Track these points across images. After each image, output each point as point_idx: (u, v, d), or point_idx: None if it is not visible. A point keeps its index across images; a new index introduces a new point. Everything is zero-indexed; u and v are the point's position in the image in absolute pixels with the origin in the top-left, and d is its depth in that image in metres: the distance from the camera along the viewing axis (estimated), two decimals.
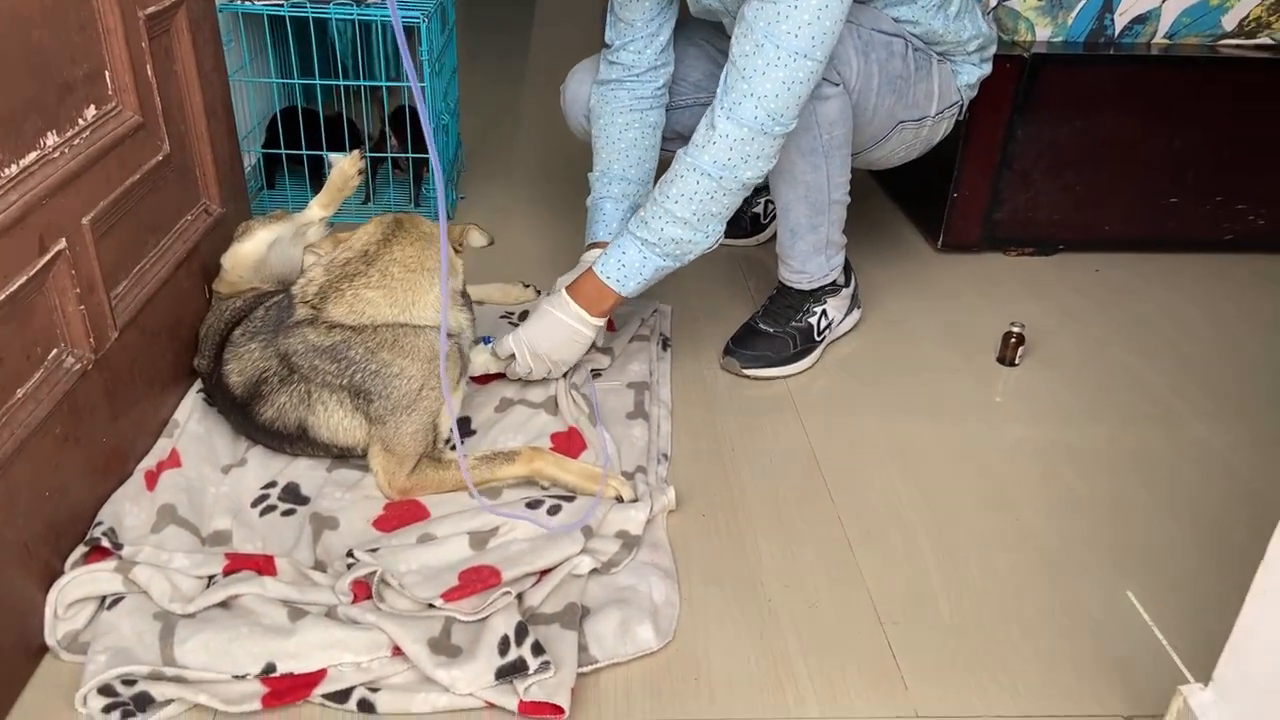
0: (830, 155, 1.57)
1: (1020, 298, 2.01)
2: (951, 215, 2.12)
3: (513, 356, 1.54)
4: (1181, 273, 2.13)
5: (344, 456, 1.39)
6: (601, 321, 1.55)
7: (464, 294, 1.47)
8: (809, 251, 1.69)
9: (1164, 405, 1.68)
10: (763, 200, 2.18)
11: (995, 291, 2.03)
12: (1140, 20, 2.03)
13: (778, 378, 1.71)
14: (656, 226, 1.46)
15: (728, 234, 2.17)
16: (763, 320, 1.74)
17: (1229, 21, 2.05)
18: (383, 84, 2.20)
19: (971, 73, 1.73)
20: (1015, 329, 1.75)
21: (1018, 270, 2.13)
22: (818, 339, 1.75)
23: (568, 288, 1.54)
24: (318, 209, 1.62)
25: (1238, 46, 2.07)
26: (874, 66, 1.55)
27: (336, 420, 1.33)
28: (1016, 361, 1.76)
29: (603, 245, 1.57)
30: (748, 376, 1.70)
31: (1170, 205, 2.14)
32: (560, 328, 1.53)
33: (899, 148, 1.72)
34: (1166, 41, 2.07)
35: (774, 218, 2.19)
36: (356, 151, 1.63)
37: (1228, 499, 1.45)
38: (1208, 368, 1.79)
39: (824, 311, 1.75)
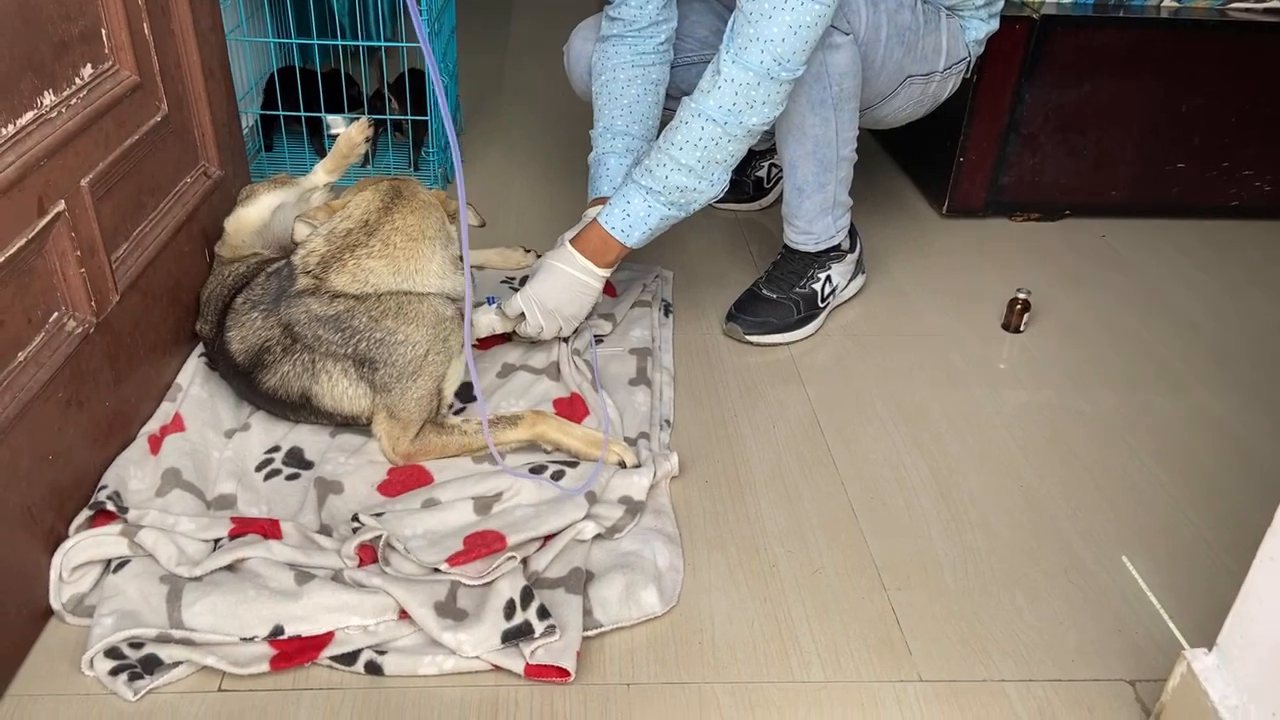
0: (840, 108, 1.56)
1: (1026, 263, 2.00)
2: (957, 180, 2.10)
3: (522, 315, 1.53)
4: (1187, 239, 2.12)
5: (347, 425, 1.39)
6: (608, 273, 1.53)
7: (460, 259, 1.45)
8: (815, 211, 1.67)
9: (1169, 371, 1.67)
10: (766, 164, 2.16)
11: (1001, 257, 2.02)
12: None
13: (780, 344, 1.70)
14: (661, 174, 1.44)
15: (730, 199, 2.17)
16: (766, 286, 1.73)
17: None
18: (381, 44, 2.17)
19: (979, 28, 1.71)
20: (1021, 295, 1.74)
21: (1024, 236, 2.11)
22: (821, 305, 1.74)
23: (571, 240, 1.53)
24: (322, 174, 1.61)
25: (1247, 10, 2.04)
26: (883, 17, 1.54)
27: (341, 389, 1.33)
28: (1022, 328, 1.75)
29: (605, 201, 1.55)
30: (750, 343, 1.70)
31: (1177, 171, 2.12)
32: (567, 280, 1.51)
33: (905, 104, 1.71)
34: (1176, 4, 2.04)
35: (777, 182, 2.17)
36: (364, 119, 1.61)
37: (1231, 465, 1.45)
38: (1212, 334, 1.79)
39: (828, 277, 1.73)
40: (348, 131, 1.60)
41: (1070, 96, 2.02)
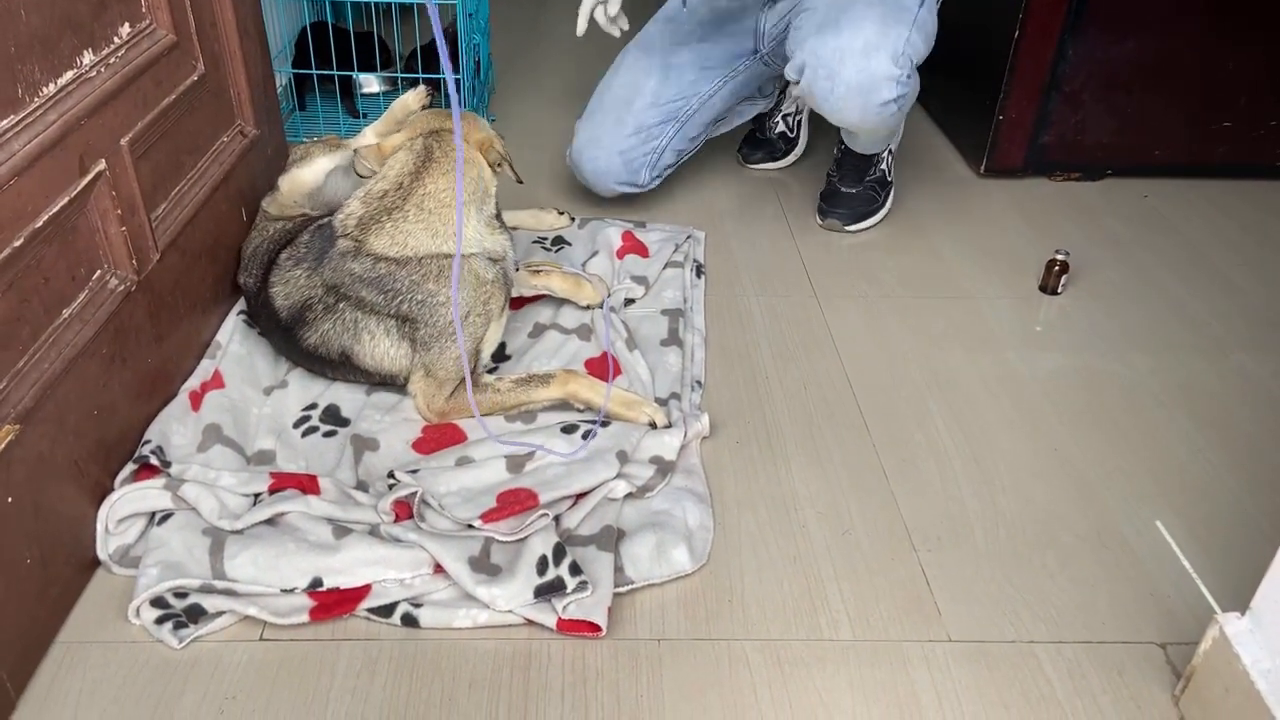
0: (905, 115, 1.79)
1: (1065, 224, 1.97)
2: (996, 138, 2.07)
3: None
4: (1232, 200, 2.07)
5: (384, 384, 1.40)
6: None
7: (499, 218, 1.45)
8: (881, 146, 1.92)
9: (1209, 335, 1.65)
10: (780, 117, 2.14)
11: (1039, 218, 1.99)
12: None
13: (873, 227, 1.93)
14: None
15: (762, 159, 2.15)
16: (842, 183, 1.93)
17: None
18: (413, 1, 2.16)
19: None
20: (1059, 256, 1.72)
21: (1063, 196, 2.08)
22: (890, 180, 1.96)
23: None
24: (371, 136, 1.61)
25: None
26: (924, 43, 1.71)
27: (383, 349, 1.34)
28: (1059, 289, 1.73)
29: None
30: (849, 232, 1.91)
31: (1223, 130, 2.07)
32: None
33: None
34: None
35: (799, 127, 2.16)
36: (423, 87, 1.61)
37: (1270, 429, 1.43)
38: (1254, 297, 1.75)
39: (890, 151, 1.94)
40: (404, 98, 1.60)
41: (1114, 52, 1.97)
